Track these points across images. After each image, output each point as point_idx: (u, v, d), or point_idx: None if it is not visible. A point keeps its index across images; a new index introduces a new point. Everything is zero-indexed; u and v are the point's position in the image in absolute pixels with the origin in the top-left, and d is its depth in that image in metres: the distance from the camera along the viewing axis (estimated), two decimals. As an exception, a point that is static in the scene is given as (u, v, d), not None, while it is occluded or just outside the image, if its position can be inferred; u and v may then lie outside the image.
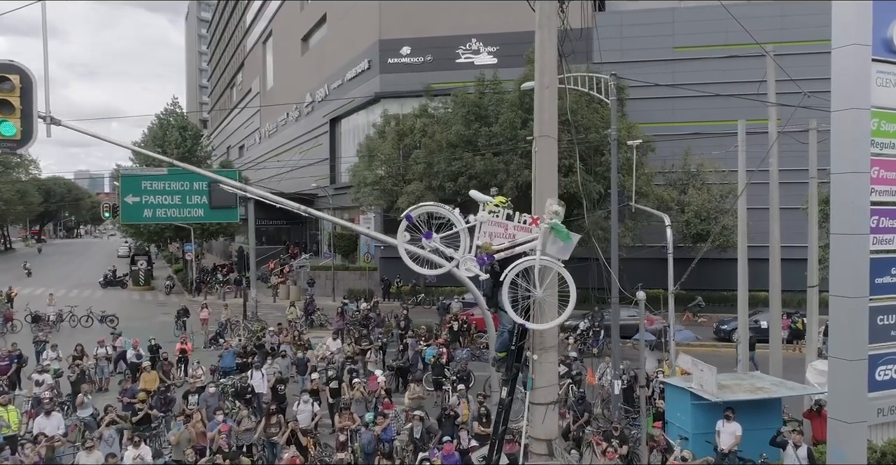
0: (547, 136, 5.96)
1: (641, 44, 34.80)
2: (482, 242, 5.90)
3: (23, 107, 7.38)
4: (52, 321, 29.23)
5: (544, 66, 5.95)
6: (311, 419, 14.23)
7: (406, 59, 39.18)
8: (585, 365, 19.95)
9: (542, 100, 5.96)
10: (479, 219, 5.91)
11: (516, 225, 5.99)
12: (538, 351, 5.99)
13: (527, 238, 6.00)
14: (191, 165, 10.86)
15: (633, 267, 33.33)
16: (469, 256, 5.88)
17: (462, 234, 5.90)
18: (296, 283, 40.29)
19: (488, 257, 5.93)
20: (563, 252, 6.16)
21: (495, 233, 5.94)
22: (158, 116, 44.50)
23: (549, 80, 5.96)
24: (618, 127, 25.57)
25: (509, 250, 5.97)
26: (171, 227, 41.45)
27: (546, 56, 5.94)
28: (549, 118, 5.97)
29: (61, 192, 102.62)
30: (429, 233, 5.89)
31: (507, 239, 5.97)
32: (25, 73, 7.39)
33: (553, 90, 6.01)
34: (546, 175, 6.03)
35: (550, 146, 6.01)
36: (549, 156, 6.01)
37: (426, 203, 6.09)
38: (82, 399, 14.45)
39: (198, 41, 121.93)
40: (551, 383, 5.97)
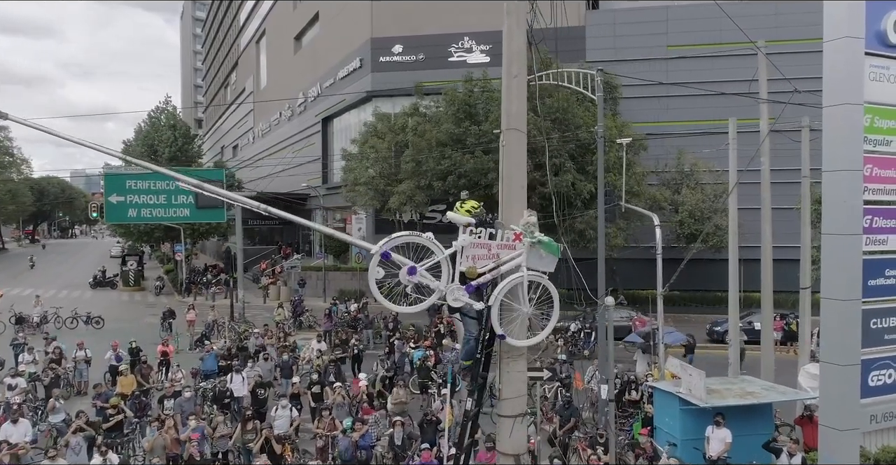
0: (515, 129, 5.58)
1: (635, 42, 34.49)
2: (465, 267, 5.51)
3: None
4: (37, 323, 28.77)
5: (512, 54, 5.57)
6: (290, 425, 13.80)
7: (398, 58, 38.79)
8: (575, 368, 19.58)
9: (509, 90, 5.57)
10: (461, 243, 5.51)
11: (500, 243, 5.62)
12: (505, 360, 5.60)
13: (511, 256, 5.64)
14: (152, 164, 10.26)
15: (626, 268, 33.15)
16: (454, 285, 5.48)
17: (443, 263, 5.48)
18: (286, 283, 39.85)
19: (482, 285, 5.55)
20: (549, 265, 5.84)
21: (478, 255, 5.56)
22: (150, 114, 44.02)
23: (518, 69, 5.57)
24: (606, 125, 25.46)
25: (495, 271, 5.59)
26: (160, 227, 40.98)
27: (514, 44, 5.55)
28: (517, 110, 5.59)
29: (55, 191, 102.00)
30: (413, 268, 5.42)
31: (491, 260, 5.60)
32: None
33: (521, 80, 5.62)
34: (514, 172, 5.64)
35: (519, 140, 5.63)
36: (517, 150, 5.63)
37: (401, 234, 5.63)
38: (54, 404, 14.04)
39: (193, 40, 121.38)
40: (519, 394, 5.57)
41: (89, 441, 12.09)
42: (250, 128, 72.16)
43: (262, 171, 59.76)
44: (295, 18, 56.15)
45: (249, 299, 37.30)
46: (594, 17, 37.01)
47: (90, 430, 12.21)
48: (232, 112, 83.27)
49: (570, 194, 24.47)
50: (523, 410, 5.59)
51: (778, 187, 20.04)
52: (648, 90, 32.88)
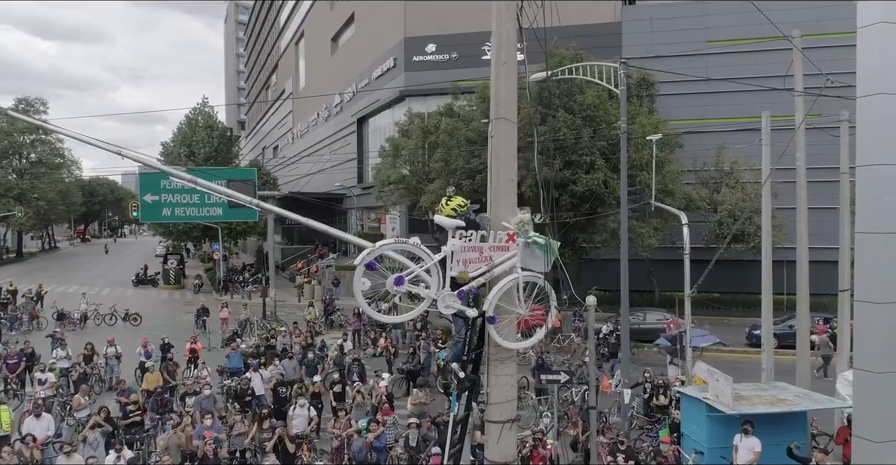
0: (504, 118, 5.29)
1: (672, 38, 33.61)
2: (457, 272, 5.24)
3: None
4: (77, 319, 29.49)
5: (501, 39, 5.28)
6: (308, 425, 13.70)
7: (431, 57, 38.65)
8: (604, 371, 19.08)
9: (498, 77, 5.28)
10: (451, 248, 5.24)
11: (492, 245, 5.34)
12: (493, 362, 5.30)
13: (505, 258, 5.36)
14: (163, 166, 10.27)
15: (664, 269, 32.31)
16: (445, 291, 5.21)
17: (433, 269, 5.22)
18: (320, 283, 40.10)
19: (474, 290, 5.27)
20: (544, 264, 5.57)
21: (470, 259, 5.29)
22: (187, 115, 44.87)
23: (507, 55, 5.28)
24: (640, 122, 24.84)
25: (488, 274, 5.30)
26: (198, 226, 41.68)
27: (503, 28, 5.26)
28: (506, 98, 5.29)
29: (104, 192, 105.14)
30: (400, 278, 5.16)
31: (483, 263, 5.32)
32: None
33: (510, 66, 5.33)
34: (503, 164, 5.35)
35: (508, 130, 5.33)
36: (507, 141, 5.33)
37: (385, 242, 5.38)
38: (79, 400, 14.21)
39: (235, 44, 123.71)
40: (508, 399, 5.27)
41: (107, 437, 12.19)
42: (290, 129, 73.08)
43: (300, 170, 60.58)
44: (331, 20, 56.60)
45: (284, 298, 37.66)
46: (630, 12, 36.23)
47: (107, 426, 12.29)
48: (272, 113, 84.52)
49: (603, 193, 23.91)
50: (512, 415, 5.29)
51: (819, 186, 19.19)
52: (687, 87, 32.03)
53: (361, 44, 48.71)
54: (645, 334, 25.09)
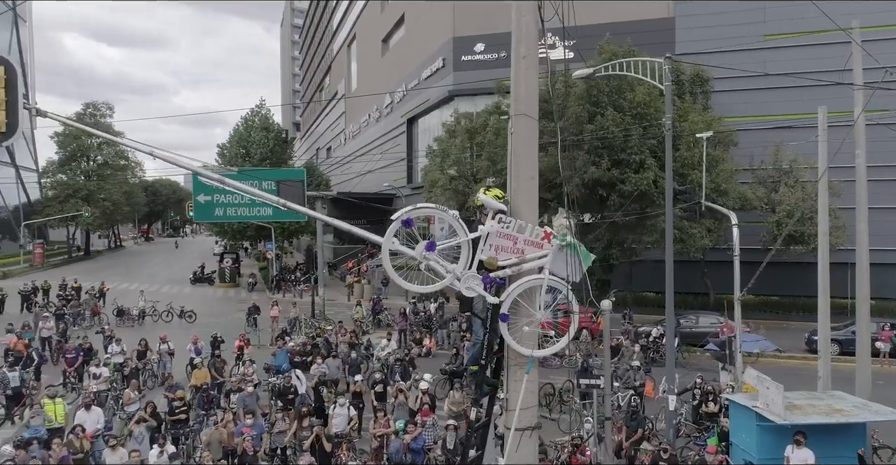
0: (524, 114, 5.10)
1: (728, 32, 32.46)
2: (486, 256, 5.08)
3: (7, 98, 7.17)
4: (135, 316, 30.49)
5: (520, 33, 5.10)
6: (348, 424, 13.75)
7: (480, 57, 38.48)
8: (652, 376, 18.54)
9: (518, 72, 5.10)
10: (488, 229, 5.08)
11: (527, 239, 5.15)
12: (512, 367, 5.13)
13: (536, 255, 5.17)
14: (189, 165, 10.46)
15: (719, 270, 31.27)
16: (471, 272, 5.07)
17: (464, 245, 5.09)
18: (370, 282, 40.42)
19: (499, 280, 5.11)
20: (574, 273, 5.35)
21: (502, 247, 5.12)
22: (244, 117, 45.93)
23: (527, 49, 5.10)
24: (692, 119, 24.07)
25: (516, 267, 5.13)
26: (252, 226, 42.55)
27: (522, 22, 5.08)
28: (526, 94, 5.10)
29: (166, 193, 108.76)
30: (432, 244, 5.08)
31: (514, 255, 5.14)
32: (10, 65, 7.19)
33: (531, 61, 5.14)
34: (524, 161, 5.16)
35: (529, 127, 5.14)
36: (527, 138, 5.14)
37: (426, 205, 5.31)
38: (129, 395, 14.63)
39: (291, 47, 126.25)
40: (528, 405, 5.08)
41: (152, 432, 12.50)
42: (342, 130, 74.05)
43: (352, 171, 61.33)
44: (382, 21, 57.07)
45: (334, 297, 38.13)
46: (684, 7, 35.21)
47: (152, 421, 12.60)
48: (325, 115, 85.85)
49: (653, 193, 23.27)
50: (532, 422, 5.10)
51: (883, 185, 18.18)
52: (743, 82, 30.96)
53: (411, 44, 48.94)
54: (697, 338, 24.35)
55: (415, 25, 48.55)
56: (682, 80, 27.84)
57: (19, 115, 7.31)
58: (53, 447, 10.81)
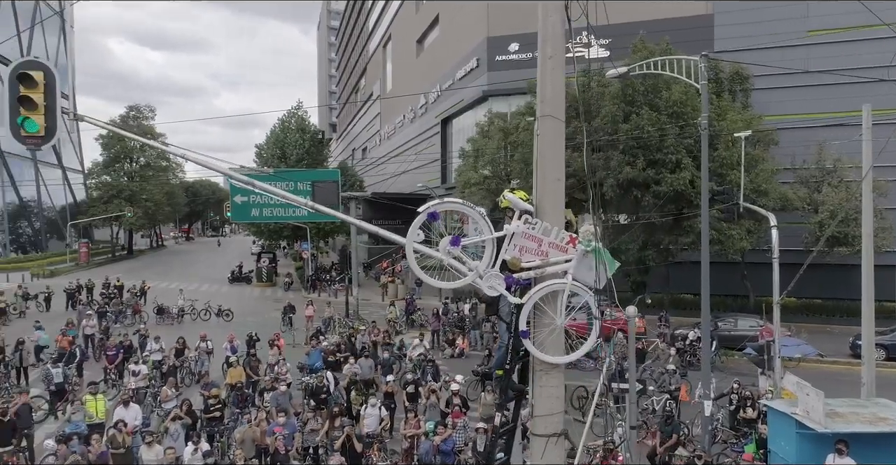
0: (550, 116, 5.02)
1: (769, 29, 31.73)
2: (510, 256, 5.03)
3: (46, 103, 7.36)
4: (175, 314, 31.11)
5: (547, 33, 5.04)
6: (379, 424, 13.79)
7: (514, 56, 38.32)
8: (688, 380, 18.20)
9: (544, 73, 5.03)
10: (514, 229, 5.04)
11: (552, 242, 5.08)
12: (538, 373, 5.06)
13: (560, 259, 5.10)
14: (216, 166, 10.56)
15: (759, 272, 30.56)
16: (494, 271, 5.03)
17: (489, 244, 5.06)
18: (404, 282, 40.58)
19: (523, 281, 5.06)
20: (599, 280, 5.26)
21: (527, 248, 5.06)
22: (281, 118, 46.57)
23: (553, 49, 5.02)
24: (731, 118, 23.56)
25: (539, 270, 5.06)
26: (288, 226, 43.07)
27: (549, 21, 5.01)
28: (552, 95, 5.03)
29: (206, 193, 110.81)
30: (457, 238, 5.07)
31: (538, 257, 5.08)
32: (49, 70, 7.38)
33: (557, 61, 5.07)
34: (550, 164, 5.08)
35: (555, 129, 5.06)
36: (553, 140, 5.07)
37: (453, 200, 5.30)
38: (167, 392, 14.91)
39: (328, 49, 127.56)
40: (553, 412, 5.01)
41: (187, 429, 12.71)
42: (377, 131, 74.52)
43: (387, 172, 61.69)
44: (417, 22, 57.26)
45: (369, 297, 38.37)
46: (724, 4, 34.50)
47: (187, 418, 12.82)
48: (361, 116, 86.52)
49: (689, 193, 22.83)
50: (558, 429, 5.02)
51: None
52: (784, 80, 30.19)
53: (445, 45, 48.99)
54: (736, 342, 23.81)
55: (449, 26, 48.59)
56: (720, 78, 27.30)
57: (57, 119, 7.50)
58: (92, 443, 11.09)
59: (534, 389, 5.10)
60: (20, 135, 7.42)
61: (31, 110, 7.34)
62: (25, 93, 7.30)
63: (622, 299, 30.93)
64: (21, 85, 7.33)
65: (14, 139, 7.58)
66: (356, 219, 32.28)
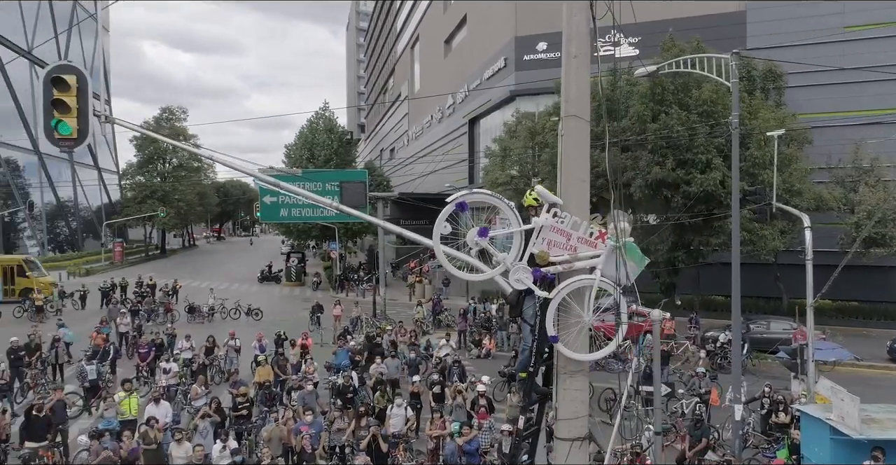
0: (575, 116, 4.97)
1: (804, 25, 31.05)
2: (538, 249, 4.99)
3: (79, 106, 7.50)
4: (206, 313, 31.57)
5: (571, 32, 4.99)
6: (405, 424, 13.81)
7: (542, 56, 38.10)
8: (718, 383, 17.89)
9: (569, 73, 4.98)
10: (542, 222, 5.01)
11: (581, 236, 5.04)
12: (562, 376, 5.00)
13: (589, 254, 5.05)
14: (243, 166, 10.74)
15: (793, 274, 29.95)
16: (521, 264, 4.99)
17: (516, 236, 5.03)
18: (431, 282, 40.63)
19: (549, 275, 5.01)
20: (630, 276, 5.20)
21: (555, 242, 5.02)
22: (309, 119, 46.97)
23: (578, 49, 4.97)
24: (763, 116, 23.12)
25: (567, 265, 5.01)
26: (317, 226, 43.41)
27: (573, 20, 4.96)
28: (577, 95, 4.98)
29: (237, 193, 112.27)
30: (485, 230, 5.05)
31: (566, 251, 5.04)
32: (81, 74, 7.53)
33: (582, 61, 5.01)
34: (574, 164, 5.03)
35: (580, 129, 5.01)
36: (578, 140, 5.01)
37: (483, 191, 5.28)
38: (196, 390, 15.11)
39: (356, 50, 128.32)
40: (578, 415, 4.95)
41: (216, 427, 12.87)
42: (405, 131, 74.75)
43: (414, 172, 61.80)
44: (445, 22, 57.29)
45: (396, 297, 38.49)
46: (756, 1, 33.90)
47: (215, 416, 12.98)
48: (389, 116, 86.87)
49: (720, 193, 22.45)
50: (582, 433, 4.96)
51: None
52: (819, 77, 29.54)
53: (473, 45, 48.94)
54: (768, 345, 23.37)
55: (477, 25, 48.53)
56: (752, 76, 26.80)
57: (90, 122, 7.65)
58: (124, 439, 11.30)
59: (558, 392, 5.05)
60: (54, 137, 7.59)
61: (64, 113, 7.49)
62: (59, 96, 7.46)
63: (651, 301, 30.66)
64: (55, 88, 7.50)
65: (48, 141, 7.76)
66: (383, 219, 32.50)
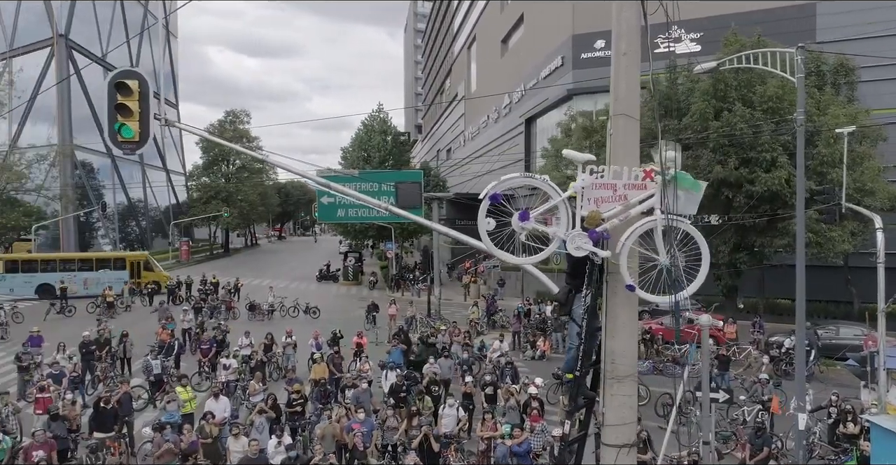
0: (624, 114, 4.84)
1: (879, 16, 29.56)
2: (587, 212, 4.88)
3: (140, 110, 7.80)
4: (266, 311, 32.36)
5: (621, 28, 4.86)
6: (456, 425, 13.81)
7: (600, 54, 37.50)
8: (783, 391, 17.22)
9: (618, 70, 4.86)
10: (581, 183, 4.91)
11: (626, 183, 4.90)
12: (609, 381, 4.88)
13: (641, 197, 4.91)
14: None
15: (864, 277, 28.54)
16: (576, 231, 4.88)
17: (561, 206, 4.93)
18: (486, 282, 40.55)
19: (606, 234, 4.86)
20: (689, 206, 5.01)
21: (602, 198, 4.88)
22: (364, 121, 47.60)
23: (627, 46, 4.84)
24: (833, 113, 22.12)
25: (623, 215, 4.86)
26: (374, 226, 43.92)
27: (623, 16, 4.84)
28: (626, 93, 4.85)
29: (297, 194, 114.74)
30: (524, 213, 4.96)
31: (618, 202, 4.90)
32: (143, 79, 7.82)
33: (631, 58, 4.88)
34: (623, 163, 4.90)
35: (629, 127, 4.88)
36: (627, 139, 4.89)
37: (512, 175, 5.21)
38: (254, 386, 15.49)
39: (414, 51, 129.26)
40: (626, 421, 4.82)
41: (272, 423, 13.17)
42: (462, 131, 74.83)
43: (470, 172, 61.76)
44: (501, 22, 57.09)
45: (451, 297, 38.59)
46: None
47: (270, 412, 13.28)
48: (446, 117, 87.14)
49: (785, 193, 21.58)
50: (629, 440, 4.83)
51: None
52: (894, 71, 28.08)
53: (530, 44, 48.61)
54: (837, 351, 22.39)
55: (534, 24, 48.18)
56: (822, 70, 25.69)
57: (150, 125, 7.93)
58: (184, 432, 11.68)
59: (605, 397, 4.93)
60: (118, 140, 7.91)
61: (127, 117, 7.80)
62: (122, 101, 7.77)
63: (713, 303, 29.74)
64: (118, 93, 7.82)
65: (112, 144, 8.09)
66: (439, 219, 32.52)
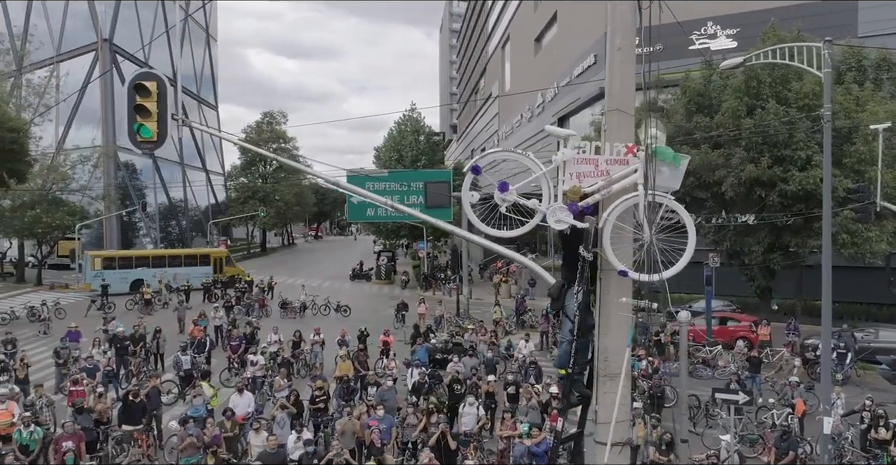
0: (618, 110, 4.81)
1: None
2: (569, 186, 4.93)
3: (158, 111, 8.00)
4: (298, 309, 32.79)
5: (616, 23, 4.83)
6: (476, 423, 13.81)
7: (634, 51, 37.03)
8: (815, 393, 16.76)
9: (613, 65, 4.83)
10: (562, 157, 4.97)
11: (608, 158, 4.95)
12: (602, 378, 4.84)
13: (624, 172, 4.93)
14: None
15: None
16: (557, 204, 4.91)
17: (543, 180, 5.01)
18: (517, 282, 40.39)
19: (586, 207, 4.89)
20: (672, 181, 5.01)
21: (584, 173, 4.96)
22: (397, 122, 47.91)
23: (622, 40, 4.81)
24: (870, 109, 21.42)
25: (605, 190, 4.86)
26: (405, 225, 44.14)
27: (618, 10, 4.80)
28: (621, 88, 4.82)
29: (333, 194, 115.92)
30: (504, 184, 5.05)
31: (599, 177, 4.94)
32: (161, 80, 8.02)
33: (626, 53, 4.85)
34: (617, 159, 4.86)
35: (623, 123, 4.84)
36: (621, 135, 4.84)
37: (495, 149, 5.30)
38: (280, 382, 15.73)
39: (449, 51, 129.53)
40: (618, 419, 4.77)
41: (293, 418, 13.36)
42: (496, 131, 74.71)
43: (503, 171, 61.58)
44: (535, 21, 56.84)
45: (482, 296, 38.52)
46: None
47: (291, 408, 13.48)
48: (480, 117, 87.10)
49: (820, 192, 20.94)
50: (623, 438, 4.79)
51: None
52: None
53: (563, 42, 48.30)
54: (877, 355, 21.69)
55: (567, 23, 47.86)
56: (863, 65, 24.91)
57: (168, 125, 8.13)
58: (207, 426, 11.94)
59: (598, 395, 4.90)
60: (136, 140, 8.14)
61: (145, 118, 8.01)
62: (141, 102, 7.98)
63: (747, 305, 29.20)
64: (138, 95, 8.03)
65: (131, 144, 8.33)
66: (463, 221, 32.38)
